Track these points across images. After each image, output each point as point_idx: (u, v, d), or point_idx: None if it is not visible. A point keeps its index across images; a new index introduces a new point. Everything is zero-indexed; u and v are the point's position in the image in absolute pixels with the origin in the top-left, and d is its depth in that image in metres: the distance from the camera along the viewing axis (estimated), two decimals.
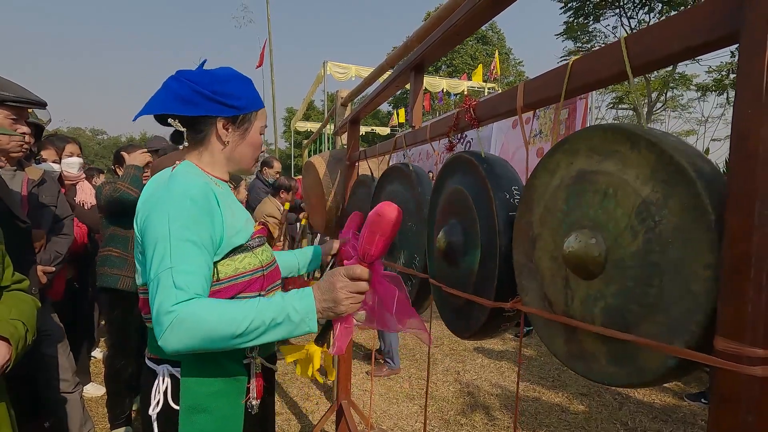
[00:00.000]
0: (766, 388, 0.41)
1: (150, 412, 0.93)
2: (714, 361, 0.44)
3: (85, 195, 2.83)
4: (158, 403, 0.93)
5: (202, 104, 0.94)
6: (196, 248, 0.85)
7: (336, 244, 1.51)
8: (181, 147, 1.04)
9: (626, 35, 0.57)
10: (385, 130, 16.15)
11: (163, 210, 0.85)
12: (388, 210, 0.85)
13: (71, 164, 2.69)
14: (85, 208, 2.80)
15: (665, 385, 3.30)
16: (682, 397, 3.12)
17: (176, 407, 0.92)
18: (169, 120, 0.97)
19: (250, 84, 1.03)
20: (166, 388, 0.93)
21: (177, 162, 1.00)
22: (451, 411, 2.95)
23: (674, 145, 0.54)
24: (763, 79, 0.40)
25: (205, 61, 1.04)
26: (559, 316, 0.71)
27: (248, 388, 0.98)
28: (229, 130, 0.99)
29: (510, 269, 0.86)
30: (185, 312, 0.78)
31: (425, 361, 3.81)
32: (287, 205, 3.84)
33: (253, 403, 0.98)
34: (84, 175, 2.89)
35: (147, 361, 0.99)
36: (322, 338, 1.03)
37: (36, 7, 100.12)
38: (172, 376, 0.94)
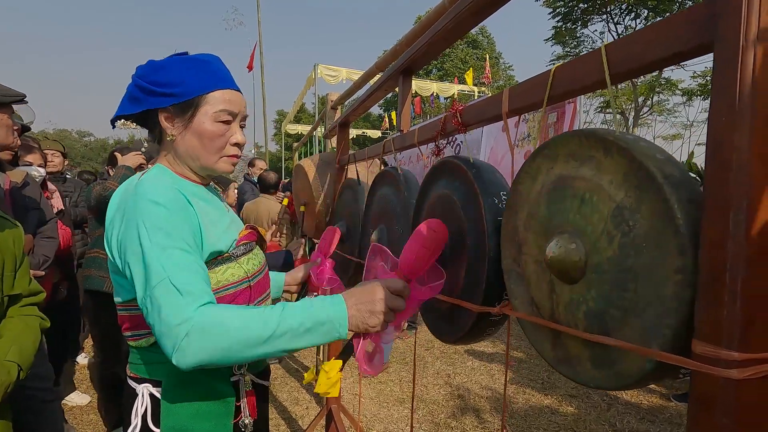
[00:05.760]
0: (741, 391, 0.41)
1: None
2: (692, 364, 0.44)
3: (53, 198, 2.77)
4: (136, 426, 0.86)
5: (143, 99, 0.87)
6: (186, 254, 0.77)
7: (301, 273, 1.35)
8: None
9: (607, 43, 0.58)
10: (376, 133, 16.18)
11: (138, 223, 0.77)
12: (442, 228, 0.84)
13: (35, 169, 2.63)
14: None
15: (652, 386, 3.34)
16: (668, 398, 3.16)
17: (156, 430, 0.85)
18: (116, 124, 0.90)
19: (200, 65, 0.88)
20: (146, 409, 0.86)
21: (149, 165, 0.96)
22: (441, 414, 2.95)
23: (644, 151, 0.55)
24: (736, 88, 0.41)
25: (185, 53, 0.92)
26: (541, 319, 0.72)
27: (238, 407, 0.92)
28: (174, 123, 0.88)
29: (497, 273, 0.86)
30: (203, 319, 0.69)
31: (417, 364, 3.81)
32: (285, 201, 3.61)
33: (246, 422, 0.92)
34: (47, 176, 2.84)
35: (128, 380, 0.92)
36: (346, 353, 0.88)
37: (25, 7, 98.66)
38: (152, 397, 0.87)
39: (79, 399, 3.03)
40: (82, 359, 3.65)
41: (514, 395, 3.22)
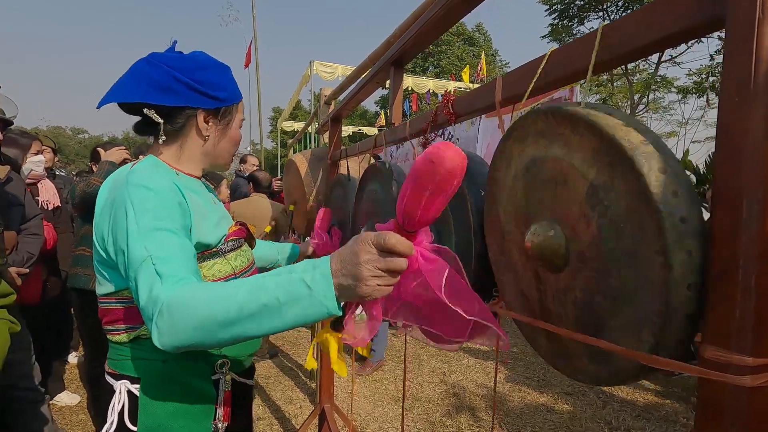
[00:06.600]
0: (754, 398, 0.38)
1: None
2: (700, 371, 0.40)
3: (49, 195, 2.71)
4: (113, 423, 0.83)
5: (182, 93, 0.85)
6: (173, 234, 0.75)
7: (311, 247, 1.48)
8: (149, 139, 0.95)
9: (605, 24, 0.54)
10: (372, 131, 16.10)
11: (127, 207, 0.76)
12: (448, 154, 0.53)
13: (37, 162, 2.57)
14: (48, 208, 2.69)
15: (647, 384, 3.33)
16: (664, 395, 3.15)
17: (133, 428, 0.83)
18: (145, 110, 0.85)
19: (229, 73, 0.94)
20: (123, 406, 0.84)
21: (140, 157, 0.91)
22: (436, 413, 2.92)
23: (612, 123, 0.50)
24: (750, 65, 0.37)
25: (176, 42, 0.94)
26: (531, 318, 0.68)
27: (216, 408, 0.89)
28: (210, 124, 0.91)
29: (486, 269, 0.82)
30: (172, 299, 0.64)
31: (412, 362, 3.78)
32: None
33: (219, 426, 0.88)
34: (46, 174, 2.78)
35: (106, 375, 0.90)
36: (340, 323, 0.73)
37: (25, 7, 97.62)
38: (129, 394, 0.84)
39: (69, 399, 2.97)
40: (72, 358, 3.60)
41: (509, 393, 3.20)
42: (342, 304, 0.63)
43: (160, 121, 0.87)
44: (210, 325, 0.62)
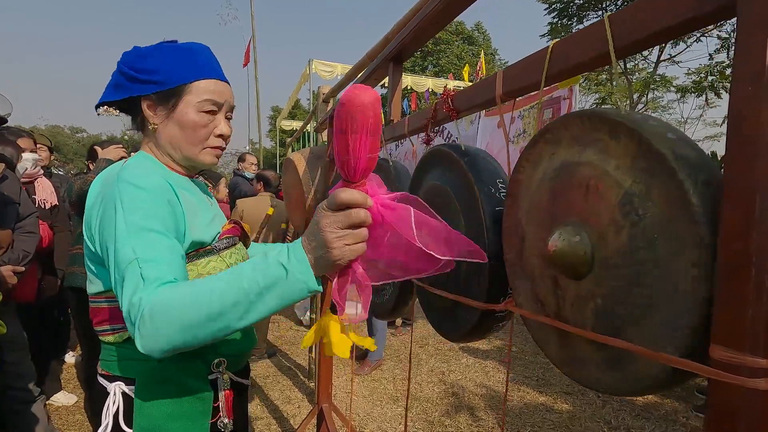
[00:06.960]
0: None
1: None
2: (710, 372, 0.39)
3: (46, 193, 2.68)
4: (107, 426, 0.82)
5: (124, 85, 0.85)
6: (161, 236, 0.73)
7: None
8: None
9: (610, 14, 0.52)
10: None
11: (116, 204, 0.74)
12: (356, 92, 0.56)
13: (28, 160, 2.53)
14: (45, 206, 2.66)
15: None
16: (663, 394, 3.14)
17: (128, 431, 0.81)
18: (99, 110, 0.88)
19: (185, 54, 0.86)
20: (117, 409, 0.82)
21: (132, 154, 0.91)
22: (435, 412, 2.91)
23: (653, 130, 0.49)
24: (765, 54, 0.35)
25: (174, 41, 0.91)
26: (549, 318, 0.67)
27: (216, 408, 0.88)
28: (157, 111, 0.86)
29: (499, 267, 0.81)
30: (155, 301, 0.63)
31: (411, 361, 3.77)
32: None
33: (225, 421, 0.87)
34: (42, 172, 2.74)
35: (99, 377, 0.88)
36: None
37: (25, 7, 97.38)
38: (124, 395, 0.83)
39: (66, 399, 2.96)
40: (70, 358, 3.58)
41: (509, 392, 3.19)
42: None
43: (117, 115, 0.90)
44: (194, 323, 0.62)
